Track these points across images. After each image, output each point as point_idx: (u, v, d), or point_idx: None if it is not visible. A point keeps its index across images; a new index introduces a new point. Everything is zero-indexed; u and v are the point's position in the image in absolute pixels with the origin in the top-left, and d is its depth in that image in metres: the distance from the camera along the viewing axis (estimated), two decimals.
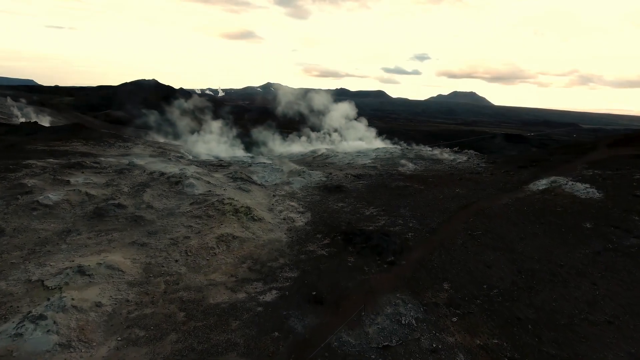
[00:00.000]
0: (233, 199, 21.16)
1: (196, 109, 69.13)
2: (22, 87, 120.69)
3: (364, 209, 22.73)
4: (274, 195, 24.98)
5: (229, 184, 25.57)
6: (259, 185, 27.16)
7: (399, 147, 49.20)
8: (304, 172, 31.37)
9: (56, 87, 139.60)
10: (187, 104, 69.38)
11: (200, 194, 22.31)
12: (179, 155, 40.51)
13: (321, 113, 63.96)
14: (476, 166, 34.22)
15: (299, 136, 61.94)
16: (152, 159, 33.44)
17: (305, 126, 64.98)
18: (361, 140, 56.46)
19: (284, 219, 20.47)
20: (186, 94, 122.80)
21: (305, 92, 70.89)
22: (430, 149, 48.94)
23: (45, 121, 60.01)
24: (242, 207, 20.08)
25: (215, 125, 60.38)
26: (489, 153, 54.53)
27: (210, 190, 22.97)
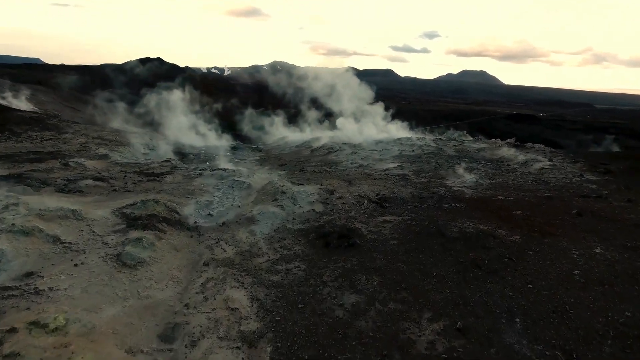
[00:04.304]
0: (58, 326, 7.47)
1: (164, 83, 55.52)
2: (23, 66, 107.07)
3: (410, 321, 9.07)
4: (205, 265, 11.36)
5: (108, 239, 11.71)
6: (186, 230, 13.46)
7: (428, 136, 35.08)
8: (284, 192, 17.47)
9: (62, 65, 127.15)
10: (143, 72, 55.96)
11: None
12: (102, 154, 26.71)
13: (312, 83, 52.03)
14: (580, 179, 20.15)
15: (295, 119, 50.05)
16: (28, 167, 19.74)
17: (304, 107, 52.49)
18: (373, 125, 42.47)
19: None
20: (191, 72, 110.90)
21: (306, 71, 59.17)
22: (472, 138, 34.98)
23: (21, 100, 47.41)
24: None
25: (189, 104, 47.59)
26: (501, 134, 43.89)
27: (25, 285, 9.23)
